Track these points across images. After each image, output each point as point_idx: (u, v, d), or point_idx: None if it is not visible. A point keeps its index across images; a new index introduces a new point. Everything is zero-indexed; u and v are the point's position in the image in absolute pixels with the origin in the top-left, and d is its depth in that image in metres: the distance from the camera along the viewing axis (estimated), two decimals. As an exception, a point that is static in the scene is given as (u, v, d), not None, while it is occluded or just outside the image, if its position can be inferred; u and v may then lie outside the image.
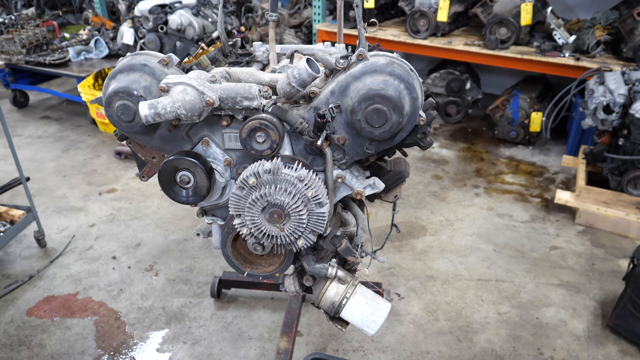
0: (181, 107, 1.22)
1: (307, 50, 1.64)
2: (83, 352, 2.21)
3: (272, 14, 1.61)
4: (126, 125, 1.35)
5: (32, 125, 4.72)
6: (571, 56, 3.77)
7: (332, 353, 2.22)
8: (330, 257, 1.48)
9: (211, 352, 2.22)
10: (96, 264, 2.78)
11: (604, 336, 2.31)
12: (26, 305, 2.47)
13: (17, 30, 4.69)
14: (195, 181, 1.37)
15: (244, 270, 1.54)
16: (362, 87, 1.23)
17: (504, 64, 4.09)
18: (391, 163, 1.57)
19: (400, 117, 1.22)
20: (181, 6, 4.47)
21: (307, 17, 5.51)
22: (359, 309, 1.42)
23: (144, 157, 1.52)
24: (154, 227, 3.12)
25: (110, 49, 4.97)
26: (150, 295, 2.55)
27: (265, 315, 2.43)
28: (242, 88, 1.28)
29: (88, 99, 4.18)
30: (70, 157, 4.06)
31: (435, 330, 2.33)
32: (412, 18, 4.32)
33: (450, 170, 3.89)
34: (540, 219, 3.24)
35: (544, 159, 4.10)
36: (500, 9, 4.10)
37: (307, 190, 1.23)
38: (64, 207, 3.34)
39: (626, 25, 3.73)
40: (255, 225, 1.28)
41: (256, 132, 1.29)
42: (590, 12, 4.30)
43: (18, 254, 2.86)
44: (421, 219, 3.22)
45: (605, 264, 2.80)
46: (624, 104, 2.98)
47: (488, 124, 4.73)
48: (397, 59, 1.29)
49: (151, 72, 1.32)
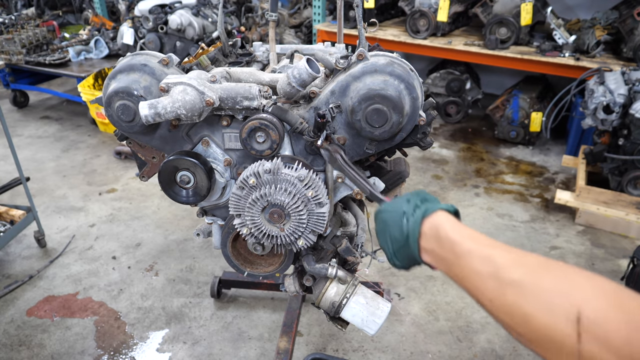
0: (181, 107, 1.22)
1: (307, 50, 1.64)
2: (83, 352, 2.21)
3: (272, 14, 1.61)
4: (126, 125, 1.35)
5: (32, 125, 4.72)
6: (571, 56, 3.77)
7: (332, 353, 2.22)
8: (330, 257, 1.48)
9: (211, 352, 2.22)
10: (96, 264, 2.78)
11: (604, 336, 2.31)
12: (26, 305, 2.47)
13: (17, 30, 4.69)
14: (195, 181, 1.37)
15: (244, 270, 1.54)
16: (362, 87, 1.23)
17: (504, 64, 4.09)
18: (391, 163, 1.57)
19: (401, 117, 1.22)
20: (181, 6, 4.47)
21: (307, 17, 5.51)
22: (359, 309, 1.42)
23: (144, 157, 1.52)
24: (154, 227, 3.12)
25: (110, 49, 4.97)
26: (150, 295, 2.55)
27: (265, 315, 2.43)
28: (242, 88, 1.28)
29: (88, 99, 4.18)
30: (70, 157, 4.06)
31: (435, 330, 2.33)
32: (412, 18, 4.33)
33: (450, 170, 3.89)
34: (540, 219, 3.24)
35: (544, 159, 4.10)
36: (500, 9, 4.10)
37: (307, 190, 1.23)
38: (64, 207, 3.34)
39: (626, 25, 3.73)
40: (256, 225, 1.28)
41: (256, 132, 1.29)
42: (590, 12, 4.30)
43: (18, 254, 2.86)
44: (421, 219, 3.22)
45: (605, 264, 2.80)
46: (624, 104, 2.98)
47: (488, 124, 4.73)
48: (397, 59, 1.29)
49: (151, 72, 1.32)
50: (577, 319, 0.59)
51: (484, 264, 0.73)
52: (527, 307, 0.64)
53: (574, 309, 0.59)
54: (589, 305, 0.59)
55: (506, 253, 0.73)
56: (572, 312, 0.59)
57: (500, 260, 0.71)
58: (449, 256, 0.79)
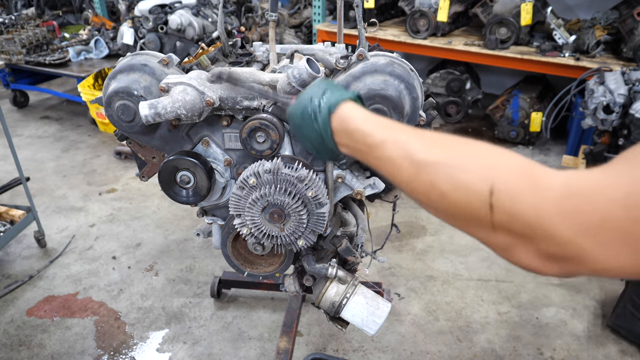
0: (181, 107, 1.22)
1: (307, 50, 1.64)
2: (83, 352, 2.21)
3: (272, 14, 1.61)
4: (126, 125, 1.35)
5: (32, 125, 4.72)
6: (571, 56, 3.77)
7: (332, 353, 2.22)
8: (330, 257, 1.48)
9: (211, 352, 2.22)
10: (96, 264, 2.78)
11: (604, 336, 2.31)
12: (26, 305, 2.47)
13: (17, 30, 4.69)
14: (195, 181, 1.37)
15: (244, 270, 1.54)
16: (363, 87, 1.23)
17: (504, 64, 4.09)
18: (391, 163, 1.56)
19: (401, 117, 1.22)
20: (181, 6, 4.47)
21: (307, 17, 5.51)
22: (359, 309, 1.42)
23: (144, 157, 1.52)
24: (154, 227, 3.12)
25: (110, 49, 4.97)
26: (150, 295, 2.55)
27: (265, 315, 2.43)
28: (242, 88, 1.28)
29: (88, 99, 4.18)
30: (70, 157, 4.06)
31: (435, 330, 2.33)
32: (412, 18, 4.32)
33: (450, 170, 3.88)
34: (540, 219, 3.23)
35: (544, 159, 4.10)
36: (500, 9, 4.10)
37: (307, 190, 1.23)
38: (64, 207, 3.34)
39: (626, 25, 3.72)
40: (256, 225, 1.28)
41: (256, 132, 1.29)
42: (590, 12, 4.29)
43: (18, 254, 2.86)
44: (421, 219, 3.22)
45: (605, 264, 2.80)
46: (624, 104, 2.98)
47: (488, 124, 4.73)
48: (397, 59, 1.29)
49: (151, 72, 1.32)
50: (490, 192, 0.61)
51: (397, 150, 0.73)
52: (442, 185, 0.66)
53: (486, 183, 0.61)
54: (500, 179, 0.61)
55: (418, 136, 0.74)
56: (485, 186, 0.61)
57: (414, 144, 0.72)
58: (363, 147, 0.80)
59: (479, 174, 0.63)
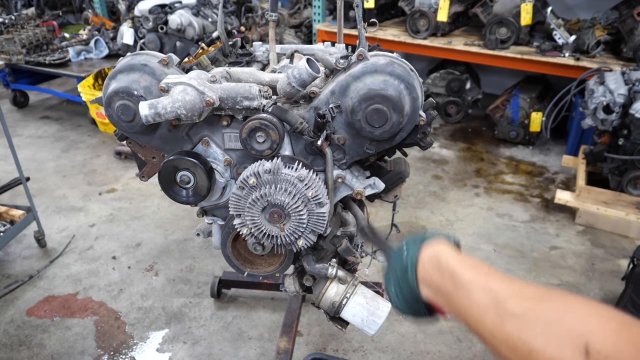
0: (181, 107, 1.22)
1: (307, 50, 1.64)
2: (83, 352, 2.21)
3: (272, 14, 1.61)
4: (126, 125, 1.35)
5: (32, 125, 4.72)
6: (571, 56, 3.77)
7: (332, 353, 2.22)
8: (330, 257, 1.48)
9: (211, 352, 2.22)
10: (96, 264, 2.78)
11: (604, 336, 2.31)
12: (26, 305, 2.47)
13: (17, 30, 4.69)
14: (195, 181, 1.37)
15: (244, 270, 1.54)
16: (363, 87, 1.23)
17: (504, 64, 4.09)
18: (391, 163, 1.56)
19: (401, 117, 1.22)
20: (181, 6, 4.47)
21: (307, 17, 5.51)
22: (359, 309, 1.41)
23: (144, 157, 1.52)
24: (154, 227, 3.12)
25: (110, 49, 4.97)
26: (150, 295, 2.55)
27: (265, 315, 2.43)
28: (242, 88, 1.28)
29: (88, 99, 4.18)
30: (70, 157, 4.06)
31: (435, 330, 2.33)
32: (412, 18, 4.33)
33: (450, 170, 3.89)
34: (540, 219, 3.24)
35: (544, 159, 4.10)
36: (500, 9, 4.10)
37: (307, 190, 1.23)
38: (64, 207, 3.34)
39: (626, 25, 3.73)
40: (256, 225, 1.28)
41: (256, 132, 1.29)
42: (590, 12, 4.29)
43: (18, 254, 2.86)
44: (421, 219, 3.22)
45: (605, 264, 2.80)
46: (624, 104, 2.98)
47: (488, 124, 4.73)
48: (397, 59, 1.29)
49: (151, 72, 1.32)
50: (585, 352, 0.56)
51: (484, 295, 0.71)
52: (531, 340, 0.62)
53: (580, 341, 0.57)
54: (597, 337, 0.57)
55: (507, 284, 0.71)
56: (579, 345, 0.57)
57: (502, 292, 0.69)
58: (449, 286, 0.77)
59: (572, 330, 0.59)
